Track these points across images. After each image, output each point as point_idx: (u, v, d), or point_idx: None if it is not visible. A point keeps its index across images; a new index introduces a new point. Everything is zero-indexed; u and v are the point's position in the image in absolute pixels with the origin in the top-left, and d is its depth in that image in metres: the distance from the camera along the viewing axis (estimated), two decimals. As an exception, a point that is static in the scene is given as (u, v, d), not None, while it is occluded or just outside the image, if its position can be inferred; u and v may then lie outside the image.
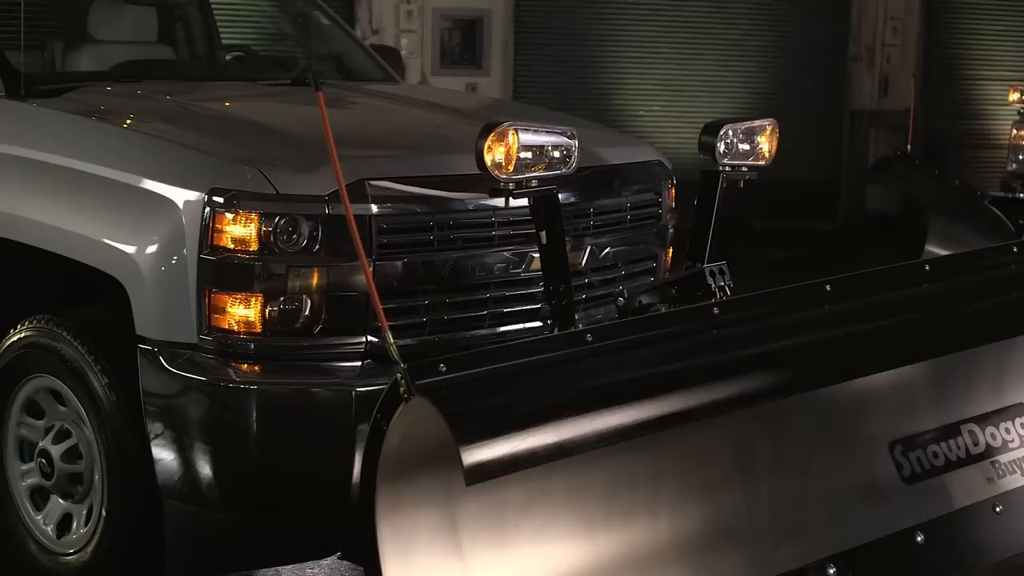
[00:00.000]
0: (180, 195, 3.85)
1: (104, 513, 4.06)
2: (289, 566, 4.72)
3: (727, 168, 4.35)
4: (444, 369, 2.87)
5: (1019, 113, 9.80)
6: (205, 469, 3.80)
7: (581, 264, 4.36)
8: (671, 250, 4.87)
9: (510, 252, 4.13)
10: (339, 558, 4.35)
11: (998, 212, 8.83)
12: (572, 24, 12.08)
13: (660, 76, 12.25)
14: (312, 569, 4.74)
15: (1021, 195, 9.54)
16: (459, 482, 2.84)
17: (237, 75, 5.71)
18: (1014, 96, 9.62)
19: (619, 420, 2.94)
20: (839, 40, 12.93)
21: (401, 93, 5.46)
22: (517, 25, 11.88)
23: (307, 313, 3.81)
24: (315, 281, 3.81)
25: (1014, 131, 10.04)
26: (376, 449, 2.95)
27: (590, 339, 3.06)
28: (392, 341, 2.94)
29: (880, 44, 12.97)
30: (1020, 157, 9.90)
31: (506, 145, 3.67)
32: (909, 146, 10.20)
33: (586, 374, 3.01)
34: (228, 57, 6.12)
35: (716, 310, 3.33)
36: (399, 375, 2.87)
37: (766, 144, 4.43)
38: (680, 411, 3.06)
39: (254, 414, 3.74)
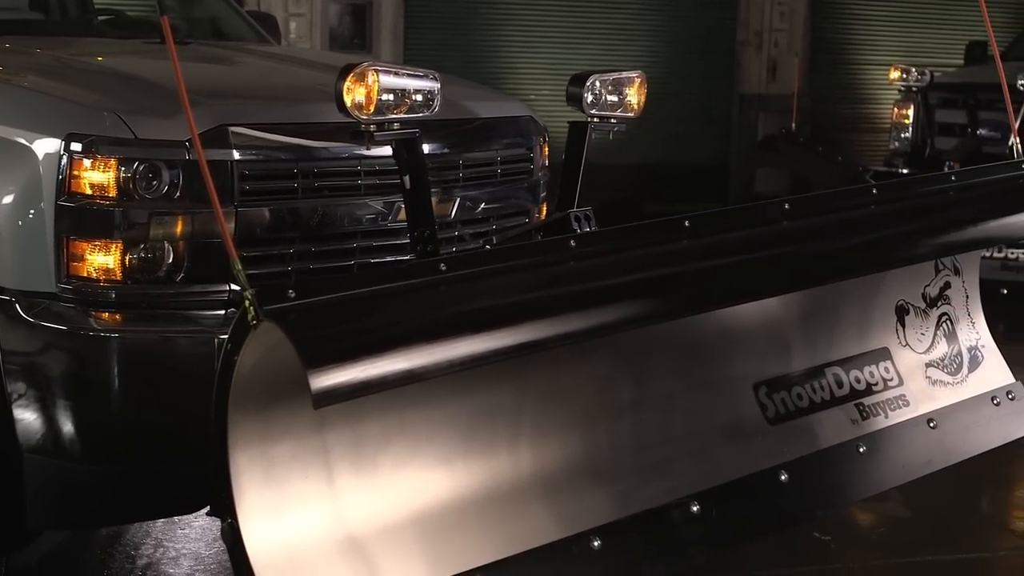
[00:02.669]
0: (37, 141, 3.78)
1: (-37, 470, 3.97)
2: (160, 525, 4.67)
3: (595, 119, 4.37)
4: (293, 295, 2.82)
5: (900, 91, 9.94)
6: (66, 420, 3.72)
7: (451, 216, 4.35)
8: (544, 206, 4.88)
9: (377, 201, 4.11)
10: (208, 514, 4.29)
11: (879, 187, 8.98)
12: (462, 8, 12.09)
13: (549, 60, 12.30)
14: (183, 529, 4.68)
15: (904, 171, 9.70)
16: (316, 412, 2.82)
17: (109, 35, 5.62)
18: (895, 74, 9.75)
19: (469, 347, 2.90)
20: (727, 25, 13.08)
21: (273, 51, 5.41)
22: (407, 9, 11.86)
23: (169, 261, 3.76)
24: (176, 228, 3.76)
25: (896, 110, 10.20)
26: (227, 379, 2.90)
27: (443, 268, 3.03)
28: (240, 268, 2.89)
29: (768, 29, 13.13)
30: (902, 135, 10.06)
31: (366, 86, 3.63)
32: (794, 125, 10.39)
33: (438, 301, 2.98)
34: (100, 19, 6.03)
35: (573, 243, 3.32)
36: (247, 301, 2.83)
37: (634, 96, 4.44)
38: (531, 341, 3.03)
39: (115, 363, 3.67)
